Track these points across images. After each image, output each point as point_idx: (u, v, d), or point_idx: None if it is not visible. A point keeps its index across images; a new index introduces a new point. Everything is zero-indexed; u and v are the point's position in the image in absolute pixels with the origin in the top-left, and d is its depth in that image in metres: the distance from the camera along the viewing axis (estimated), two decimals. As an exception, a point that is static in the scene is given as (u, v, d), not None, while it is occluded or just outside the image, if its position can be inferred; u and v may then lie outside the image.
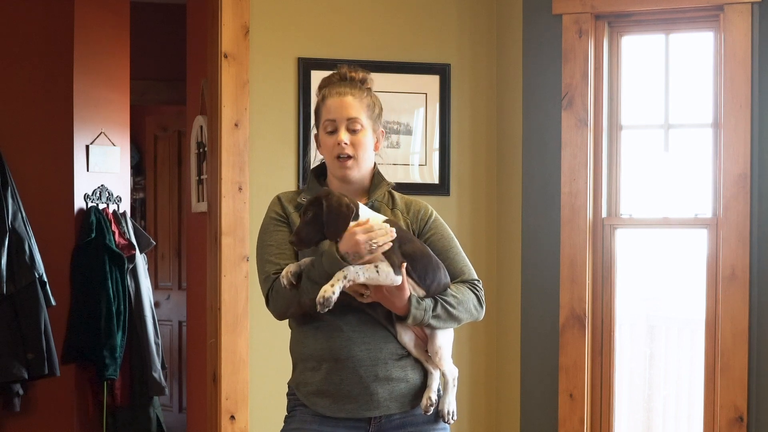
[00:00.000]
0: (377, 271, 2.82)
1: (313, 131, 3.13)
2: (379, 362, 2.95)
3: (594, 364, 4.47)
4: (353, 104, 3.02)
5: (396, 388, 2.96)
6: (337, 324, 2.93)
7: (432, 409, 3.00)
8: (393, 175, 4.49)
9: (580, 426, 4.44)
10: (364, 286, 2.85)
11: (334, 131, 3.01)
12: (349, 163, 3.01)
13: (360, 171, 3.04)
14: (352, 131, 3.02)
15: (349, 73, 3.08)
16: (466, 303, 3.00)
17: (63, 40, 5.92)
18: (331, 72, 3.11)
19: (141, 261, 6.24)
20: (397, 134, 4.50)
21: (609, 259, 4.49)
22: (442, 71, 4.56)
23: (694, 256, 4.44)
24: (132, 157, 7.65)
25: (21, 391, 5.62)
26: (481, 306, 3.06)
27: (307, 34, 4.45)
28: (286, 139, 4.42)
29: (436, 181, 4.55)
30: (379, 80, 4.46)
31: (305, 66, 4.42)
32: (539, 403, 4.52)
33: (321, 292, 2.77)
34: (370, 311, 2.94)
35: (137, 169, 8.23)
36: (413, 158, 4.54)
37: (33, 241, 5.58)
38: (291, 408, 3.05)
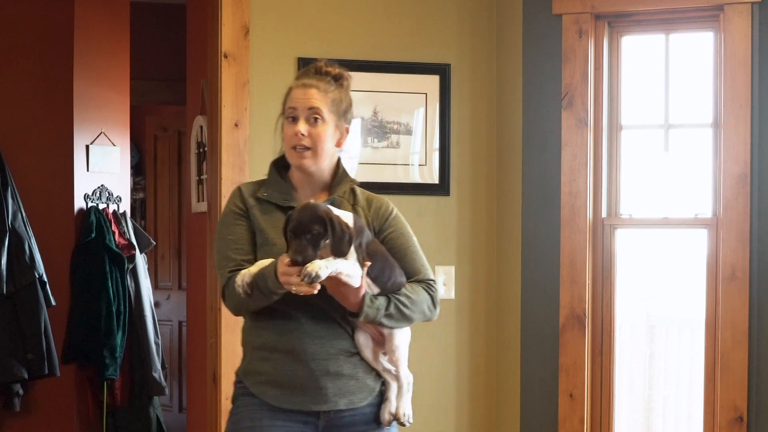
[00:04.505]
0: (353, 268, 2.84)
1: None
2: (330, 357, 2.96)
3: (594, 364, 4.47)
4: (316, 96, 3.01)
5: (345, 385, 2.98)
6: (293, 315, 2.95)
7: (393, 423, 3.04)
8: (393, 175, 4.50)
9: (580, 426, 4.44)
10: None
11: (295, 120, 3.01)
12: (306, 153, 3.00)
13: (317, 164, 3.02)
14: (312, 122, 3.00)
15: (325, 68, 3.08)
16: (420, 303, 3.02)
17: (63, 40, 5.92)
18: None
19: (141, 261, 6.24)
20: (397, 134, 4.50)
21: (609, 259, 4.49)
22: (442, 71, 4.56)
23: (694, 256, 4.43)
24: (132, 157, 7.65)
25: (21, 391, 5.63)
26: (435, 307, 3.07)
27: (307, 34, 4.45)
28: (286, 139, 4.42)
29: (436, 181, 4.55)
30: (379, 80, 4.50)
31: (305, 66, 4.40)
32: (539, 403, 4.52)
33: (312, 267, 2.75)
34: (326, 307, 2.95)
35: (137, 169, 8.23)
36: (413, 158, 4.53)
37: (33, 241, 5.58)
38: (236, 396, 3.05)
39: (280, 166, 3.10)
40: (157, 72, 7.49)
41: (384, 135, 4.48)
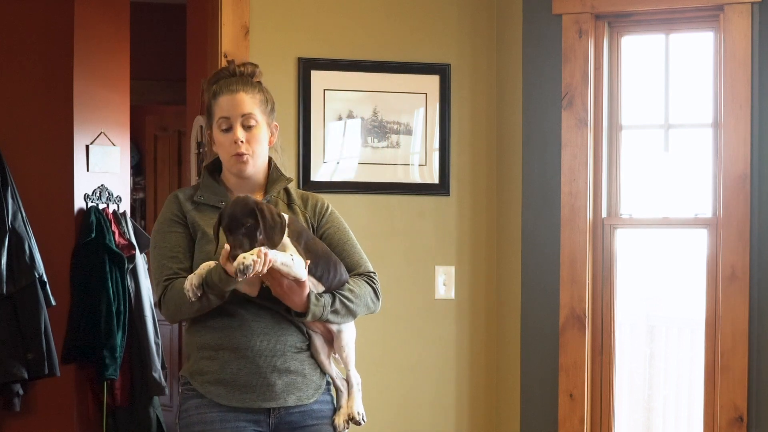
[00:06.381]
0: (292, 260, 2.84)
1: (207, 130, 3.14)
2: (278, 353, 2.97)
3: (594, 364, 4.48)
4: (246, 100, 3.04)
5: (293, 381, 2.99)
6: (237, 312, 2.95)
7: (347, 429, 3.06)
8: (393, 175, 4.50)
9: (580, 426, 4.44)
10: (268, 276, 2.86)
11: (229, 129, 3.03)
12: (246, 158, 3.03)
13: (255, 166, 3.06)
14: (247, 127, 3.03)
15: (239, 68, 3.10)
16: (364, 297, 3.04)
17: (63, 40, 5.92)
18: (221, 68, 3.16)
19: (141, 261, 6.24)
20: (397, 134, 4.50)
21: (609, 259, 4.49)
22: (442, 71, 4.56)
23: (694, 256, 4.44)
24: (132, 157, 7.65)
25: (21, 391, 5.62)
26: (378, 299, 3.10)
27: (307, 34, 4.45)
28: (286, 139, 4.42)
29: (436, 181, 4.55)
30: (379, 80, 4.51)
31: (305, 66, 4.42)
32: (539, 403, 4.52)
33: (240, 259, 2.75)
34: (273, 307, 2.96)
35: (137, 169, 8.23)
36: (413, 158, 4.54)
37: (33, 241, 5.57)
38: (184, 400, 3.04)
39: (213, 169, 3.14)
40: (157, 72, 7.48)
41: (384, 135, 4.49)
